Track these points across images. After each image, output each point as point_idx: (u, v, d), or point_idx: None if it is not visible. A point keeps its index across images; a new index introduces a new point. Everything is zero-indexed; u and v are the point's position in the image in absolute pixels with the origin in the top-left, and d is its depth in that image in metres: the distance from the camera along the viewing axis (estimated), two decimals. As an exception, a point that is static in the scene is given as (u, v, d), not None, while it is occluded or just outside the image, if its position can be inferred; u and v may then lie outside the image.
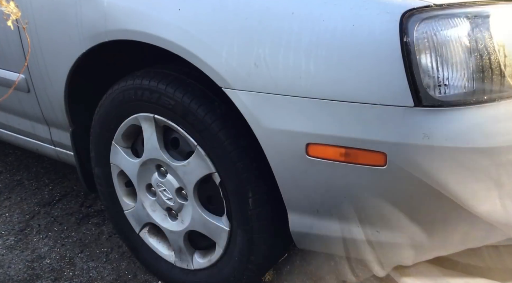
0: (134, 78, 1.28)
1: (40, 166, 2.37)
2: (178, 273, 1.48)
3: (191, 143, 1.23)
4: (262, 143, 1.09)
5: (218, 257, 1.35)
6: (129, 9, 1.21)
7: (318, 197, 1.09)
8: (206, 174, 1.24)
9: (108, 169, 1.50)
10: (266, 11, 1.03)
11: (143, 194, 1.45)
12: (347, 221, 1.10)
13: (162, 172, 1.36)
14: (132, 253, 1.64)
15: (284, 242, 1.32)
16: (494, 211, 1.01)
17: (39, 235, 1.85)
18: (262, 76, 1.04)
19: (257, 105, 1.06)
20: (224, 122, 1.17)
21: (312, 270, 1.63)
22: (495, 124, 0.95)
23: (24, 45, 1.51)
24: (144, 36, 1.19)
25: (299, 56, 0.99)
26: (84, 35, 1.32)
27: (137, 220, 1.51)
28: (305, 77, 0.99)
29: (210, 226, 1.31)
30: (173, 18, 1.13)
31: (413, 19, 0.92)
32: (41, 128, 1.72)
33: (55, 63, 1.45)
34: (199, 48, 1.10)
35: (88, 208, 2.01)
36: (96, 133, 1.45)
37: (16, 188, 2.19)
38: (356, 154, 1.00)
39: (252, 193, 1.18)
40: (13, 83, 1.53)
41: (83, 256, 1.73)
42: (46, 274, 1.65)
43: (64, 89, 1.46)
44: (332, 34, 0.96)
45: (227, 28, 1.07)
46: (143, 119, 1.31)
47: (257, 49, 1.03)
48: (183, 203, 1.35)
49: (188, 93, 1.19)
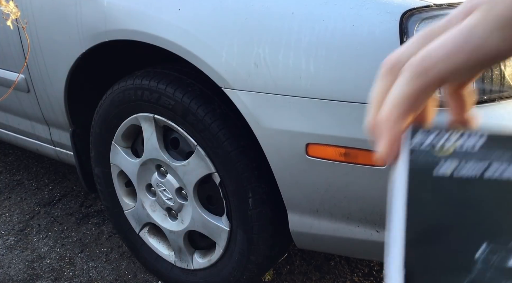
0: (134, 78, 1.28)
1: (40, 166, 2.37)
2: (178, 273, 1.49)
3: (191, 143, 1.23)
4: (262, 143, 1.09)
5: (218, 257, 1.35)
6: (129, 9, 1.21)
7: (318, 197, 1.09)
8: (206, 174, 1.24)
9: (108, 169, 1.50)
10: (266, 11, 1.03)
11: (143, 194, 1.45)
12: (347, 221, 1.10)
13: (162, 172, 1.36)
14: (132, 253, 1.64)
15: (284, 242, 1.32)
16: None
17: (39, 235, 1.85)
18: (262, 76, 1.04)
19: (257, 105, 1.06)
20: (224, 122, 1.17)
21: (312, 270, 1.63)
22: (495, 124, 0.95)
23: (24, 45, 1.51)
24: (144, 36, 1.19)
25: (299, 56, 0.99)
26: (84, 35, 1.32)
27: (137, 220, 1.51)
28: (305, 77, 0.99)
29: (210, 226, 1.31)
30: (173, 18, 1.13)
31: (413, 19, 0.92)
32: (41, 128, 1.71)
33: (55, 63, 1.45)
34: (199, 48, 1.10)
35: (88, 208, 2.01)
36: (96, 133, 1.45)
37: (16, 188, 2.19)
38: (356, 154, 1.00)
39: (252, 193, 1.18)
40: (13, 83, 1.53)
41: (83, 256, 1.73)
42: (46, 274, 1.65)
43: (64, 89, 1.46)
44: (332, 34, 0.96)
45: (227, 28, 1.07)
46: (143, 119, 1.31)
47: (257, 49, 1.03)
48: (183, 203, 1.35)
49: (188, 93, 1.19)
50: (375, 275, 1.59)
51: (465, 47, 0.27)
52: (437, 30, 0.29)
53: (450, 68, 0.27)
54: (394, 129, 0.29)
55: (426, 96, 0.28)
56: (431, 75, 0.27)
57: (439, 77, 0.27)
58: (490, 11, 0.27)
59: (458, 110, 0.33)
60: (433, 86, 0.28)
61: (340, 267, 1.63)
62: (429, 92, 0.28)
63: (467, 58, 0.27)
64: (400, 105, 0.28)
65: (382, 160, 0.30)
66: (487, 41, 0.27)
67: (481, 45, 0.27)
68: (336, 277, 1.59)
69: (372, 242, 1.10)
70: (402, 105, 0.28)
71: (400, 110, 0.28)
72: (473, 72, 0.28)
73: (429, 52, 0.28)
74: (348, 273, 1.60)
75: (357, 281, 1.57)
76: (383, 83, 0.30)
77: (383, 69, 0.30)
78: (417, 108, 0.29)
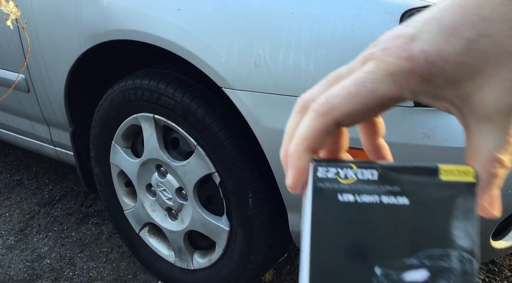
0: (134, 78, 1.28)
1: (40, 166, 2.37)
2: (178, 273, 1.49)
3: (191, 143, 1.23)
4: (262, 143, 1.09)
5: (218, 257, 1.35)
6: (129, 9, 1.21)
7: (318, 197, 1.09)
8: (206, 174, 1.24)
9: (108, 169, 1.50)
10: (266, 11, 1.03)
11: (143, 194, 1.45)
12: (347, 221, 1.10)
13: (162, 172, 1.36)
14: (132, 253, 1.64)
15: (284, 242, 1.32)
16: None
17: (39, 235, 1.85)
18: (262, 76, 1.04)
19: (257, 105, 1.06)
20: (224, 122, 1.17)
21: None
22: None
23: (24, 45, 1.51)
24: (144, 36, 1.19)
25: (299, 56, 0.99)
26: (84, 35, 1.32)
27: (137, 220, 1.51)
28: (305, 77, 0.99)
29: (210, 226, 1.31)
30: (173, 18, 1.13)
31: (413, 19, 0.92)
32: (41, 128, 1.71)
33: (55, 63, 1.45)
34: (199, 48, 1.10)
35: (88, 208, 2.01)
36: (96, 133, 1.45)
37: (16, 188, 2.19)
38: (356, 154, 0.99)
39: (252, 193, 1.18)
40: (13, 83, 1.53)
41: (83, 256, 1.73)
42: (46, 274, 1.65)
43: (64, 89, 1.46)
44: (332, 34, 0.96)
45: (227, 28, 1.06)
46: (143, 119, 1.31)
47: (257, 49, 1.03)
48: (183, 203, 1.35)
49: (188, 93, 1.19)
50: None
51: (360, 92, 0.30)
52: (344, 73, 0.32)
53: (347, 111, 0.30)
54: (301, 162, 0.32)
55: (328, 133, 0.32)
56: (332, 115, 0.31)
57: (338, 118, 0.31)
58: (382, 61, 0.30)
59: (370, 138, 0.36)
60: (333, 125, 0.31)
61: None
62: (330, 130, 0.31)
63: (362, 102, 0.30)
64: (305, 141, 0.32)
65: (291, 189, 0.33)
66: (379, 87, 0.30)
67: (374, 90, 0.30)
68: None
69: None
70: (307, 141, 0.31)
71: (305, 145, 0.32)
72: (367, 115, 0.32)
73: (332, 93, 0.31)
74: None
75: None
76: (294, 119, 0.34)
77: (296, 106, 0.34)
78: (321, 143, 0.32)
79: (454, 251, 0.30)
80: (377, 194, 0.30)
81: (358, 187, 0.31)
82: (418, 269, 0.30)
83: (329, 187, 0.31)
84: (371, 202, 0.30)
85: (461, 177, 0.31)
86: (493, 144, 0.30)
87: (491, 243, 1.06)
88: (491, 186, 0.31)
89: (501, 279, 1.55)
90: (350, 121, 0.31)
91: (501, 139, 0.30)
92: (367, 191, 0.31)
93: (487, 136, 0.30)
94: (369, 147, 0.37)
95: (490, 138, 0.30)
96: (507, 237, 1.11)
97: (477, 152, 0.31)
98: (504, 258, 1.64)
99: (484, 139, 0.30)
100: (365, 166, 0.31)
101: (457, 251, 0.30)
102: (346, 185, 0.31)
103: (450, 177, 0.31)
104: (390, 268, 0.30)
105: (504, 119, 0.30)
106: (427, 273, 0.29)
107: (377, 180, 0.31)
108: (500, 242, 1.10)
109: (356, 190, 0.31)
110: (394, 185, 0.31)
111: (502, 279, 1.55)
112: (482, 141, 0.30)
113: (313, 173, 0.32)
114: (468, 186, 0.31)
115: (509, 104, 0.29)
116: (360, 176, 0.31)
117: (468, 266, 0.30)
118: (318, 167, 0.32)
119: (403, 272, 0.29)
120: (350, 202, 0.30)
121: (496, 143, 0.30)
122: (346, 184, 0.31)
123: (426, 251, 0.30)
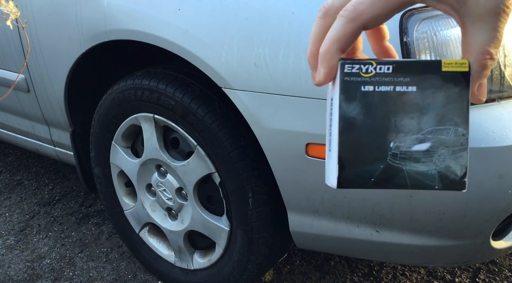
0: (134, 78, 1.28)
1: (40, 166, 2.37)
2: (178, 273, 1.49)
3: (191, 142, 1.23)
4: (262, 143, 1.09)
5: (218, 257, 1.35)
6: (129, 9, 1.21)
7: (318, 197, 1.09)
8: (206, 174, 1.24)
9: (108, 169, 1.50)
10: (266, 11, 1.02)
11: (143, 194, 1.45)
12: (347, 221, 1.10)
13: (162, 172, 1.36)
14: (132, 253, 1.64)
15: (284, 242, 1.32)
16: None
17: (39, 235, 1.85)
18: (262, 76, 1.04)
19: (257, 105, 1.06)
20: (224, 122, 1.17)
21: (312, 270, 1.63)
22: (495, 124, 0.95)
23: (24, 45, 1.51)
24: (144, 36, 1.19)
25: (299, 56, 0.99)
26: (84, 35, 1.32)
27: (137, 220, 1.51)
28: (305, 77, 0.99)
29: (210, 226, 1.31)
30: (173, 18, 1.13)
31: (413, 19, 0.92)
32: (41, 128, 1.71)
33: (55, 63, 1.45)
34: (199, 48, 1.10)
35: (88, 208, 2.01)
36: (96, 133, 1.45)
37: (16, 188, 2.19)
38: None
39: (252, 193, 1.18)
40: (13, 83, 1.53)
41: (83, 256, 1.73)
42: (46, 274, 1.65)
43: (64, 89, 1.46)
44: (332, 34, 0.96)
45: (227, 28, 1.06)
46: (143, 119, 1.31)
47: (257, 49, 1.03)
48: (183, 203, 1.35)
49: (188, 93, 1.19)
50: (375, 275, 1.59)
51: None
52: None
53: (372, 15, 0.37)
54: (332, 60, 0.38)
55: (356, 36, 0.38)
56: (360, 20, 0.37)
57: (365, 22, 0.37)
58: None
59: (379, 42, 0.43)
60: (360, 29, 0.37)
61: (340, 267, 1.63)
62: (358, 32, 0.38)
63: (384, 6, 0.36)
64: (337, 42, 0.38)
65: (320, 83, 0.39)
66: None
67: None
68: (336, 277, 1.59)
69: (372, 242, 1.10)
70: (339, 42, 0.38)
71: (336, 46, 0.38)
72: (387, 17, 0.38)
73: (358, 0, 0.37)
74: (348, 273, 1.60)
75: (357, 281, 1.57)
76: (320, 24, 0.40)
77: (320, 13, 0.40)
78: (350, 44, 0.38)
79: (451, 127, 0.38)
80: (392, 84, 0.38)
81: (377, 78, 0.38)
82: (423, 142, 0.38)
83: (354, 80, 0.38)
84: (387, 90, 0.38)
85: (458, 68, 0.38)
86: (484, 39, 0.36)
87: (491, 243, 1.06)
88: (481, 76, 0.37)
89: (501, 279, 1.55)
90: (374, 24, 0.38)
91: (491, 35, 0.36)
92: (384, 82, 0.38)
93: (480, 33, 0.36)
94: (379, 49, 0.44)
95: (482, 34, 0.36)
96: (507, 237, 1.11)
97: (471, 46, 0.37)
98: (504, 258, 1.64)
99: (477, 35, 0.36)
100: (382, 62, 0.38)
101: (454, 127, 0.38)
102: (367, 78, 0.38)
103: (449, 68, 0.38)
104: (400, 142, 0.38)
105: (494, 18, 0.35)
106: (429, 144, 0.38)
107: (391, 72, 0.38)
108: (500, 242, 1.10)
109: (375, 81, 0.38)
110: (406, 76, 0.38)
111: (502, 279, 1.55)
112: (475, 37, 0.36)
113: (340, 69, 0.39)
114: (463, 75, 0.38)
115: (497, 5, 0.35)
116: (378, 70, 0.38)
117: (463, 139, 0.39)
118: (345, 64, 0.39)
119: (412, 145, 0.38)
120: (370, 91, 0.38)
121: (487, 38, 0.36)
122: (367, 77, 0.38)
123: (430, 128, 0.38)
